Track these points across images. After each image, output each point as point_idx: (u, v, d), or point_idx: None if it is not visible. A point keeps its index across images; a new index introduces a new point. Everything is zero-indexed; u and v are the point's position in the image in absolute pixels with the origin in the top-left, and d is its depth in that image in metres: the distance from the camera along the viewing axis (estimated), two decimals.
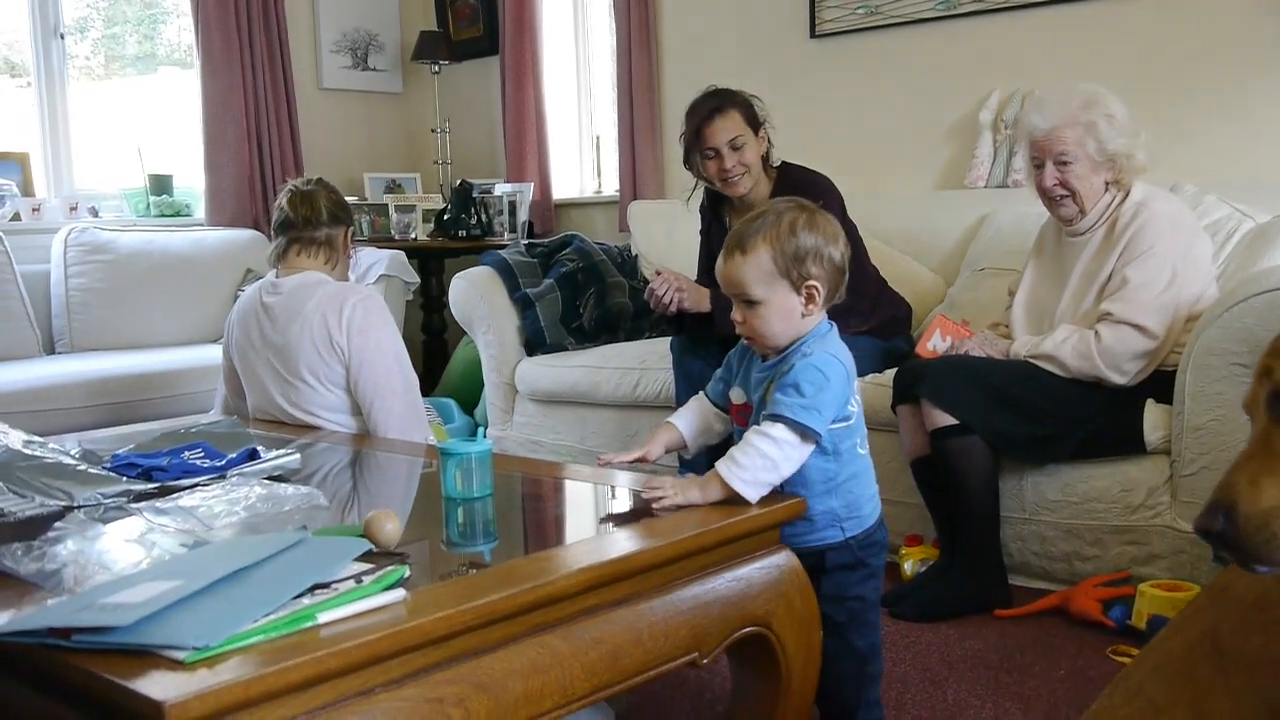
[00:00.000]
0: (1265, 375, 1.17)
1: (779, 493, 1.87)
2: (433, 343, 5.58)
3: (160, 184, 5.34)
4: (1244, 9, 3.60)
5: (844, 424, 1.88)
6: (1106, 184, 2.87)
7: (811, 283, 1.86)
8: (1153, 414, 2.77)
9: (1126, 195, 2.87)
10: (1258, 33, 3.58)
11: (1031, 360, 2.84)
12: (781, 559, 1.83)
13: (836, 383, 1.84)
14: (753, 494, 1.80)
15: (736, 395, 1.98)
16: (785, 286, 1.85)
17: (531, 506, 2.08)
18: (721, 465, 1.81)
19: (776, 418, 1.80)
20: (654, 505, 1.80)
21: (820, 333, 1.90)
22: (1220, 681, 1.30)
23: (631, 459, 2.01)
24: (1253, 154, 3.60)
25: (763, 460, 1.79)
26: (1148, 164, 2.87)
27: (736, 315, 1.91)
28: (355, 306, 2.78)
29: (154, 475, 2.04)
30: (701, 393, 2.11)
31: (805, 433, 1.80)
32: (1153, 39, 3.78)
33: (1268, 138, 3.58)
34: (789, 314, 1.87)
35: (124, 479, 2.01)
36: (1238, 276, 2.87)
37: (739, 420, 1.98)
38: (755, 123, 3.34)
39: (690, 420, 2.08)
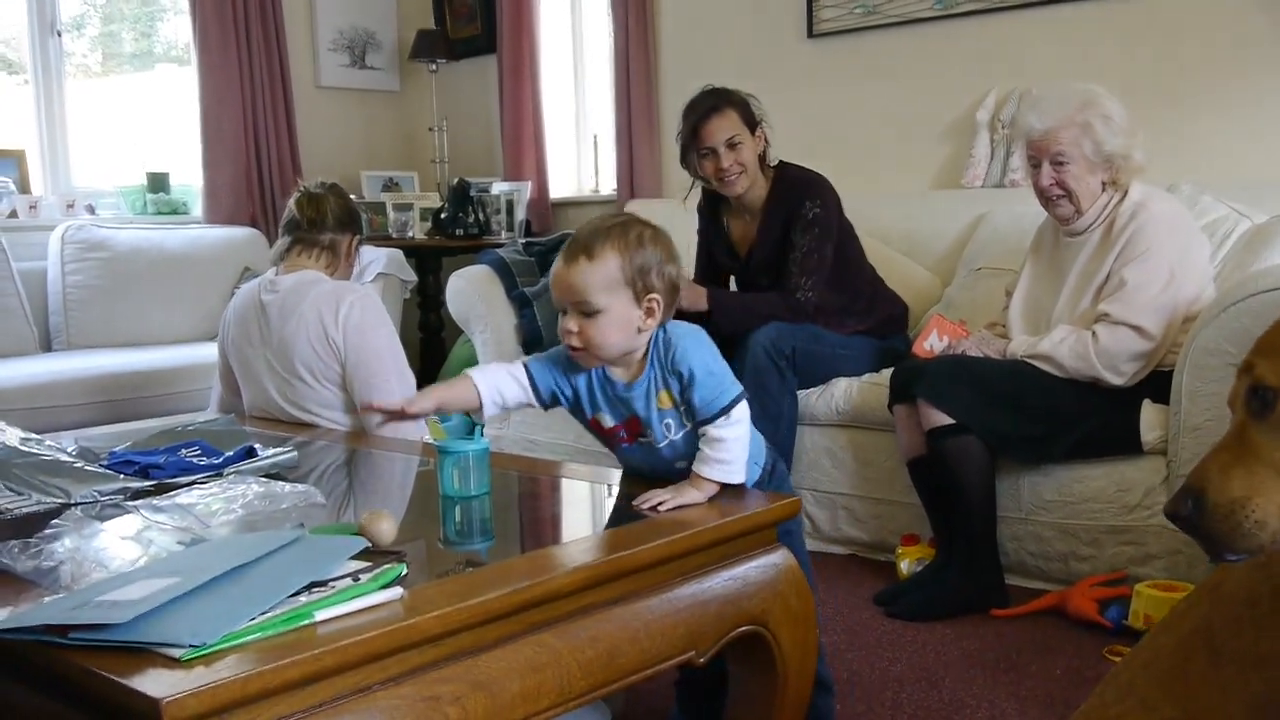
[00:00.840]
0: (1246, 371, 1.20)
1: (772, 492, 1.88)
2: (430, 341, 5.57)
3: (157, 181, 5.33)
4: (1242, 10, 3.60)
5: None
6: (1103, 184, 2.87)
7: (654, 295, 1.81)
8: (1149, 414, 2.77)
9: (1124, 196, 2.87)
10: (1256, 33, 3.58)
11: (1028, 360, 2.84)
12: (778, 558, 1.83)
13: (711, 344, 1.87)
14: (743, 477, 1.85)
15: (606, 420, 1.92)
16: (628, 297, 1.80)
17: (528, 505, 2.08)
18: (708, 470, 1.81)
19: (726, 409, 1.81)
20: (657, 510, 1.79)
21: (663, 336, 1.86)
22: (1212, 678, 1.31)
23: (392, 408, 1.95)
24: (1250, 154, 3.61)
25: (739, 447, 1.83)
26: (1145, 164, 2.88)
27: (570, 324, 1.81)
28: (353, 305, 2.78)
29: (151, 473, 2.04)
30: (523, 366, 1.95)
31: (747, 399, 1.85)
32: (1151, 39, 3.79)
33: (1266, 138, 3.59)
34: (627, 325, 1.81)
35: (121, 476, 2.00)
36: (1235, 277, 2.88)
37: (626, 439, 1.93)
38: (752, 122, 3.35)
39: (496, 386, 1.93)
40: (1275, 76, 3.56)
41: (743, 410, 1.83)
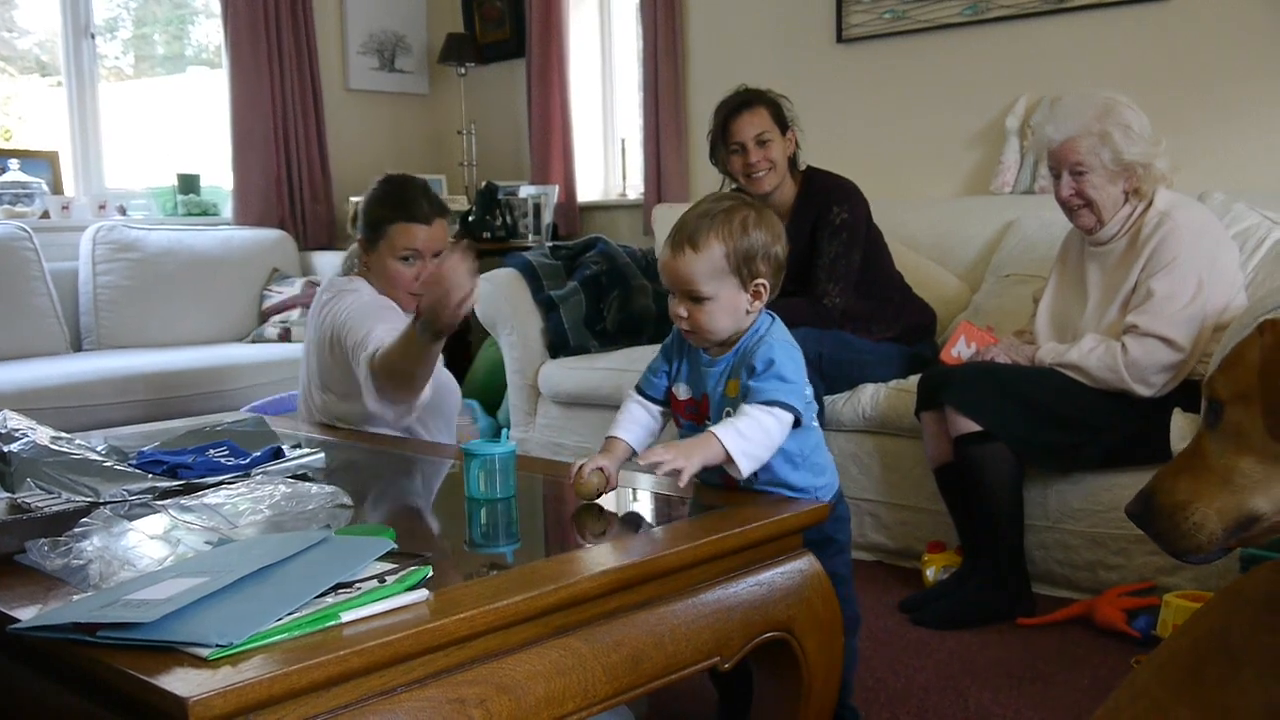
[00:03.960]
0: (1208, 386, 1.29)
1: (796, 496, 1.88)
2: (456, 344, 5.57)
3: (188, 183, 5.37)
4: (1272, 20, 3.57)
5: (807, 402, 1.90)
6: (1126, 194, 2.85)
7: (760, 280, 1.86)
8: (1180, 423, 2.75)
9: (1149, 205, 2.85)
10: None
11: (1057, 369, 2.82)
12: (804, 564, 1.82)
13: (803, 365, 1.88)
14: (747, 467, 1.81)
15: (682, 391, 1.97)
16: (735, 283, 1.85)
17: (554, 508, 2.08)
18: (723, 431, 1.80)
19: (773, 403, 1.81)
20: (656, 472, 1.78)
21: (765, 324, 1.91)
22: (1229, 681, 1.32)
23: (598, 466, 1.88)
24: None
25: (764, 436, 1.81)
26: (1169, 173, 2.86)
27: (680, 309, 1.88)
28: (328, 288, 2.71)
29: (179, 473, 2.05)
30: (634, 394, 2.04)
31: (797, 417, 1.84)
32: (1182, 45, 3.76)
33: None
34: (736, 310, 1.87)
35: (150, 476, 2.02)
36: (1267, 285, 2.85)
37: (688, 415, 1.97)
38: (783, 123, 3.34)
39: (636, 432, 1.99)
40: None
41: (785, 415, 1.82)
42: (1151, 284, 2.75)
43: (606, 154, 5.77)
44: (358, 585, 1.38)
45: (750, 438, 1.80)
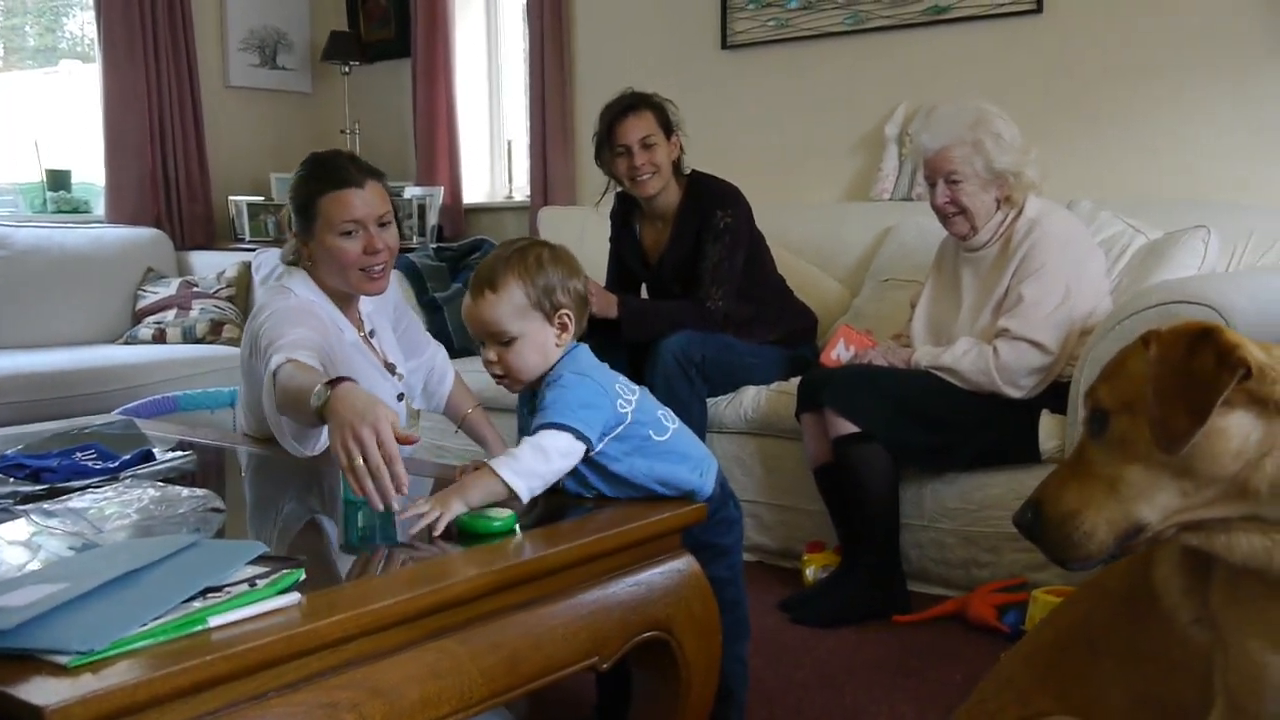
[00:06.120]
0: (1090, 395, 1.30)
1: (679, 498, 1.89)
2: None
3: (58, 179, 5.20)
4: (1143, 32, 3.70)
5: (620, 428, 1.85)
6: (998, 201, 2.94)
7: (565, 311, 1.87)
8: (1048, 424, 2.83)
9: (1020, 212, 2.93)
10: (1155, 58, 3.68)
11: (932, 371, 2.89)
12: (682, 564, 1.84)
13: (594, 388, 1.84)
14: (524, 487, 1.74)
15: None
16: (539, 318, 1.86)
17: None
18: (496, 461, 1.76)
19: (562, 425, 1.78)
20: (410, 531, 1.67)
21: (560, 360, 1.89)
22: (1090, 671, 1.36)
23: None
24: (1147, 173, 3.71)
25: (537, 454, 1.76)
26: (1039, 181, 2.95)
27: (490, 355, 1.88)
28: (260, 303, 2.53)
29: (43, 476, 1.99)
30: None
31: (568, 430, 1.78)
32: (1053, 57, 3.88)
33: (1161, 158, 3.69)
34: (544, 346, 1.88)
35: (10, 480, 1.96)
36: (1130, 290, 2.95)
37: None
38: (669, 127, 3.37)
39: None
40: (1171, 98, 3.66)
41: (560, 437, 1.77)
42: (1021, 289, 2.84)
43: (492, 156, 5.75)
44: (227, 589, 1.35)
45: (522, 459, 1.76)
